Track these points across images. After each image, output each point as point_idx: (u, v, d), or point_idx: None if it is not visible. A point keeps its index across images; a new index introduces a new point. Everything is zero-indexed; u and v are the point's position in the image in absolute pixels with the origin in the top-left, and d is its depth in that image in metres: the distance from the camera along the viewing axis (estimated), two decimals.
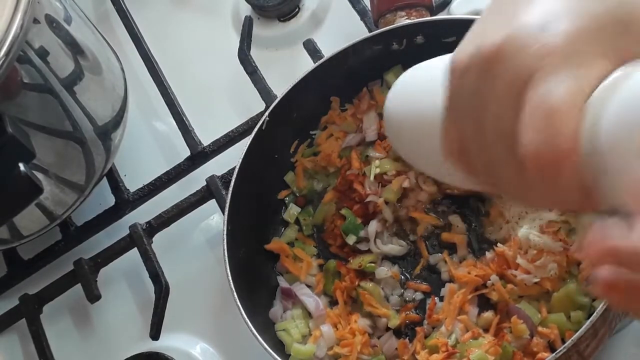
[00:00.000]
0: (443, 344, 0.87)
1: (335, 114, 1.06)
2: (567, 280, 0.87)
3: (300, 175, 1.05)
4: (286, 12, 1.24)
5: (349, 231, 0.99)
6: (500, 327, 0.87)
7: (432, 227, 0.99)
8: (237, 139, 1.12)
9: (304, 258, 1.00)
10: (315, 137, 1.07)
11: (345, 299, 0.97)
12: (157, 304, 1.03)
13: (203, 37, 1.30)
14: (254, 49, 1.18)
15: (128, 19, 1.27)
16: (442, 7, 1.12)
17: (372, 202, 1.00)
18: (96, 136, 1.06)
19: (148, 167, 1.18)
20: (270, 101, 1.07)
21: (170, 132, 1.21)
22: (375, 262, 0.98)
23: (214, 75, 1.25)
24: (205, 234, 1.13)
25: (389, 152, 1.02)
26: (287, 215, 1.04)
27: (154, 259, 1.06)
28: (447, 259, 0.96)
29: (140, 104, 1.25)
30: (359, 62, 1.03)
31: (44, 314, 1.11)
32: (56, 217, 1.09)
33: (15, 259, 1.17)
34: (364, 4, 1.15)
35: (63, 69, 0.99)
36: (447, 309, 0.91)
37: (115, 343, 1.10)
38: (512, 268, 0.89)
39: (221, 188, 1.07)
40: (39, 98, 0.95)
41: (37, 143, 0.87)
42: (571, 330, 0.83)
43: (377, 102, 1.05)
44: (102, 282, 1.10)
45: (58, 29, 0.99)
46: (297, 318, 0.96)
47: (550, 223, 0.90)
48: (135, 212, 1.15)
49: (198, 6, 1.34)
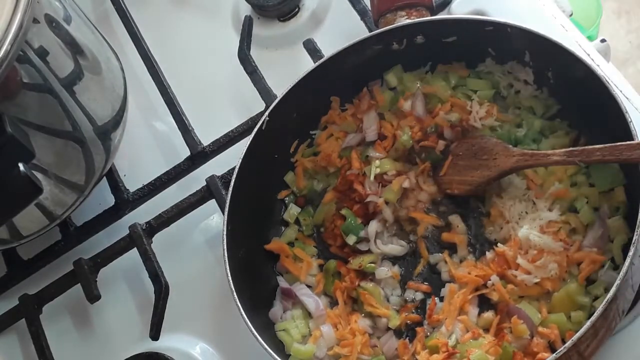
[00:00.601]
0: (443, 344, 0.87)
1: (335, 114, 1.06)
2: (568, 281, 0.87)
3: (300, 175, 1.05)
4: (286, 12, 1.24)
5: (349, 231, 0.99)
6: (500, 327, 0.87)
7: (432, 227, 0.99)
8: (237, 139, 1.12)
9: (304, 258, 1.00)
10: (315, 137, 1.07)
11: (345, 299, 0.97)
12: (157, 304, 1.03)
13: (203, 37, 1.30)
14: (254, 49, 1.18)
15: (128, 19, 1.27)
16: (442, 7, 1.12)
17: (372, 202, 0.99)
18: (96, 136, 1.06)
19: (148, 167, 1.18)
20: (270, 101, 1.07)
21: (170, 132, 1.21)
22: (376, 262, 0.98)
23: (214, 75, 1.25)
24: (205, 234, 1.13)
25: (389, 152, 1.02)
26: (287, 215, 1.04)
27: (153, 259, 1.06)
28: (447, 259, 0.95)
29: (140, 104, 1.25)
30: (359, 62, 1.02)
31: (44, 314, 1.11)
32: (56, 217, 1.09)
33: (15, 259, 1.17)
34: (364, 4, 1.15)
35: (63, 68, 0.99)
36: (447, 309, 0.91)
37: (115, 343, 1.10)
38: (513, 268, 0.89)
39: (221, 188, 1.07)
40: (38, 98, 0.95)
41: (37, 143, 0.87)
42: (571, 330, 0.83)
43: (377, 102, 1.04)
44: (101, 282, 1.09)
45: (58, 28, 0.99)
46: (297, 318, 0.96)
47: (550, 223, 0.90)
48: (135, 212, 1.15)
49: (198, 6, 1.34)
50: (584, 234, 0.89)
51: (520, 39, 0.94)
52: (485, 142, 0.96)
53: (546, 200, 0.92)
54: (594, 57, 1.02)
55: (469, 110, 1.00)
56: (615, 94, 0.85)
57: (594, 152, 0.86)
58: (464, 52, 1.00)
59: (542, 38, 0.92)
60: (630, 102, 0.98)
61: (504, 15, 1.03)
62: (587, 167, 0.91)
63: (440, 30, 0.99)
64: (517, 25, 0.93)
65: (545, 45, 0.92)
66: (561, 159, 0.89)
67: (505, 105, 1.01)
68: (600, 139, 0.86)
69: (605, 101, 0.86)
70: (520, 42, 0.95)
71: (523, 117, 0.99)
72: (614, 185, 0.89)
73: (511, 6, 1.08)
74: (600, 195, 0.90)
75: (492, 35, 0.96)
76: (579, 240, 0.88)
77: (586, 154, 0.86)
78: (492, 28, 0.96)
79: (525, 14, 1.06)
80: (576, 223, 0.89)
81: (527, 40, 0.94)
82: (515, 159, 0.93)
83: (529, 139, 0.96)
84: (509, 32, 0.94)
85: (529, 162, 0.92)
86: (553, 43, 0.91)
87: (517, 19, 0.95)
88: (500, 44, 0.98)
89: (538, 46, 0.93)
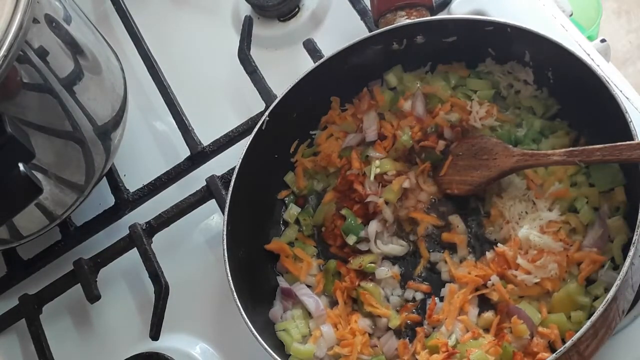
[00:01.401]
0: (443, 344, 0.87)
1: (335, 114, 1.06)
2: (568, 281, 0.87)
3: (300, 176, 1.05)
4: (286, 12, 1.24)
5: (349, 231, 0.99)
6: (500, 327, 0.87)
7: (432, 227, 0.99)
8: (237, 139, 1.12)
9: (304, 258, 1.00)
10: (315, 137, 1.07)
11: (345, 299, 0.97)
12: (157, 304, 1.03)
13: (203, 37, 1.30)
14: (254, 49, 1.18)
15: (128, 19, 1.27)
16: (442, 7, 1.12)
17: (372, 202, 0.99)
18: (96, 136, 1.06)
19: (148, 167, 1.18)
20: (270, 101, 1.07)
21: (170, 132, 1.21)
22: (376, 262, 0.98)
23: (214, 75, 1.25)
24: (205, 234, 1.13)
25: (389, 152, 1.02)
26: (287, 215, 1.04)
27: (153, 259, 1.06)
28: (447, 259, 0.95)
29: (140, 104, 1.25)
30: (359, 62, 1.02)
31: (44, 314, 1.11)
32: (56, 217, 1.09)
33: (15, 259, 1.17)
34: (364, 4, 1.15)
35: (63, 68, 0.99)
36: (447, 309, 0.91)
37: (115, 343, 1.10)
38: (513, 268, 0.89)
39: (221, 188, 1.07)
40: (38, 98, 0.95)
41: (37, 143, 0.87)
42: (571, 330, 0.83)
43: (377, 102, 1.04)
44: (101, 282, 1.09)
45: (58, 28, 0.99)
46: (297, 318, 0.96)
47: (550, 223, 0.90)
48: (135, 212, 1.15)
49: (198, 6, 1.34)
50: (584, 234, 0.89)
51: (520, 39, 0.94)
52: (485, 142, 0.96)
53: (546, 200, 0.92)
54: (594, 57, 1.02)
55: (469, 110, 1.00)
56: (615, 94, 0.85)
57: (594, 152, 0.86)
58: (464, 52, 1.00)
59: (542, 38, 0.92)
60: (630, 102, 0.98)
61: (504, 15, 1.03)
62: (587, 167, 0.91)
63: (440, 30, 0.99)
64: (517, 25, 0.93)
65: (545, 45, 0.92)
66: (561, 159, 0.89)
67: (505, 105, 1.01)
68: (600, 139, 0.86)
69: (605, 101, 0.86)
70: (520, 42, 0.95)
71: (523, 117, 0.99)
72: (614, 185, 0.89)
73: (511, 6, 1.08)
74: (600, 195, 0.90)
75: (492, 35, 0.96)
76: (579, 240, 0.88)
77: (586, 154, 0.86)
78: (492, 28, 0.96)
79: (525, 14, 1.06)
80: (576, 223, 0.89)
81: (527, 40, 0.94)
82: (515, 159, 0.93)
83: (529, 139, 0.96)
84: (509, 32, 0.94)
85: (529, 162, 0.92)
86: (553, 43, 0.91)
87: (517, 19, 0.95)
88: (500, 44, 0.98)
89: (538, 46, 0.93)
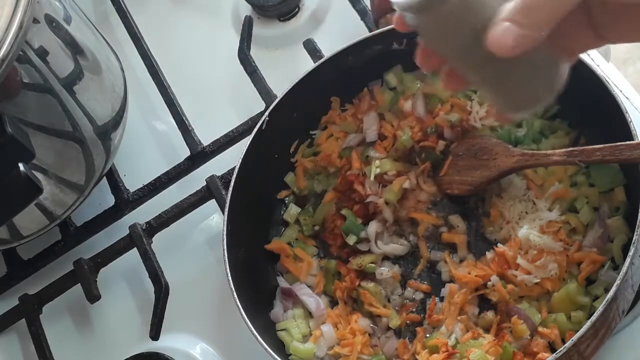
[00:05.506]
0: (443, 344, 0.87)
1: (335, 114, 1.06)
2: (568, 281, 0.87)
3: (300, 176, 1.05)
4: (286, 12, 1.24)
5: (349, 231, 0.99)
6: (500, 327, 0.87)
7: (432, 227, 0.99)
8: (237, 139, 1.12)
9: (304, 258, 1.00)
10: (315, 137, 1.07)
11: (345, 299, 0.97)
12: (157, 304, 1.03)
13: (203, 37, 1.30)
14: (254, 49, 1.18)
15: (128, 19, 1.27)
16: None
17: (373, 202, 0.99)
18: (96, 136, 1.06)
19: (148, 167, 1.18)
20: (270, 101, 1.07)
21: (170, 132, 1.20)
22: (376, 262, 0.98)
23: (214, 75, 1.25)
24: (205, 234, 1.13)
25: (389, 152, 1.02)
26: (287, 215, 1.04)
27: (153, 259, 1.06)
28: (447, 259, 0.95)
29: (140, 104, 1.25)
30: (359, 62, 1.02)
31: (44, 314, 1.11)
32: (56, 217, 1.09)
33: (15, 259, 1.17)
34: (364, 4, 1.15)
35: (63, 68, 0.99)
36: (447, 309, 0.91)
37: (115, 343, 1.10)
38: (513, 268, 0.89)
39: (221, 188, 1.07)
40: (38, 98, 0.95)
41: (37, 143, 0.87)
42: (571, 330, 0.83)
43: (377, 102, 1.04)
44: (101, 282, 1.09)
45: (58, 28, 0.99)
46: (298, 318, 0.96)
47: (550, 223, 0.90)
48: (135, 212, 1.15)
49: (198, 6, 1.34)
50: (584, 234, 0.89)
51: None
52: (485, 142, 0.96)
53: (546, 200, 0.92)
54: (594, 57, 1.01)
55: (469, 110, 1.00)
56: (615, 94, 0.85)
57: (594, 152, 0.86)
58: None
59: None
60: (630, 102, 0.98)
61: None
62: (587, 167, 0.91)
63: None
64: None
65: None
66: (561, 159, 0.89)
67: None
68: (600, 139, 0.86)
69: (605, 101, 0.86)
70: None
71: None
72: (614, 185, 0.89)
73: None
74: (600, 195, 0.90)
75: None
76: (579, 240, 0.88)
77: (586, 154, 0.86)
78: None
79: None
80: (576, 223, 0.89)
81: None
82: (515, 159, 0.93)
83: (529, 139, 0.96)
84: None
85: (529, 162, 0.92)
86: None
87: None
88: None
89: None
